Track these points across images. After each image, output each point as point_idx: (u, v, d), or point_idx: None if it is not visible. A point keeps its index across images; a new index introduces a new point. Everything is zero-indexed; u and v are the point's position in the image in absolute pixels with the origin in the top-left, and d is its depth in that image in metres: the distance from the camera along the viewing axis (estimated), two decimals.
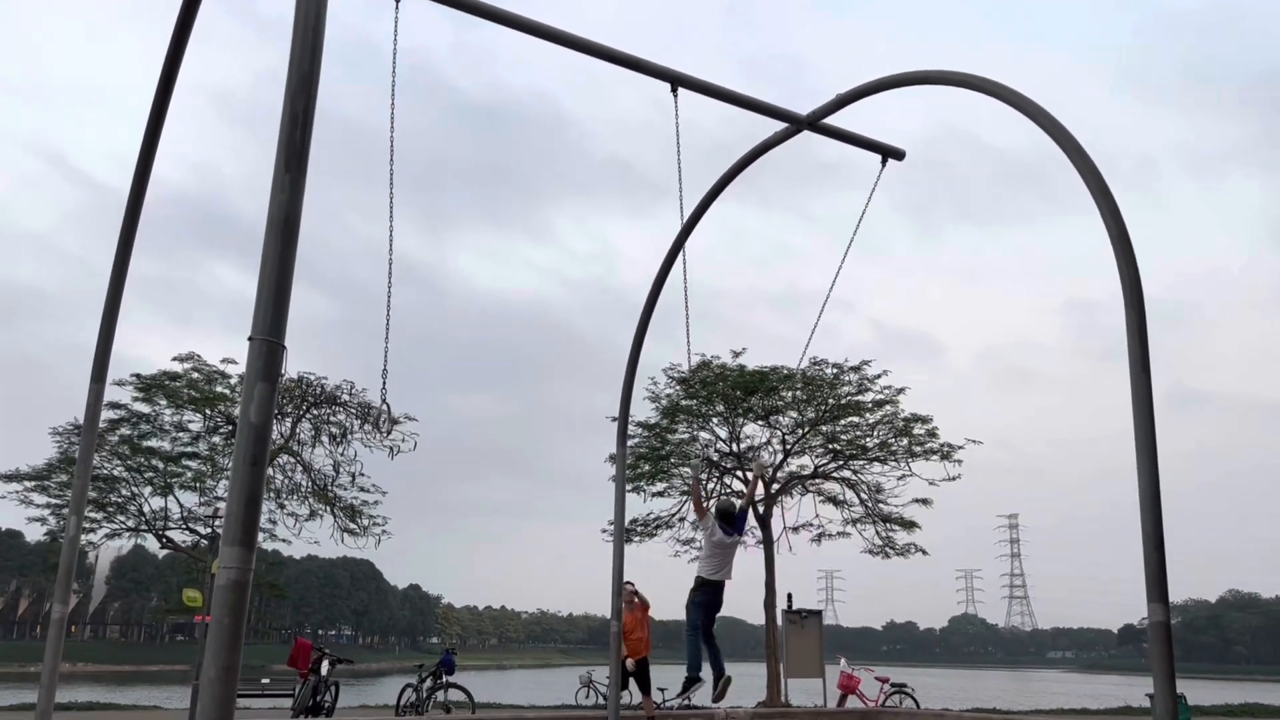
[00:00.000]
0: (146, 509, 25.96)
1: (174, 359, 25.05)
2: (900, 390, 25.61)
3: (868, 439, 25.71)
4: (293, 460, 25.37)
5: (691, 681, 10.59)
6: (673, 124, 8.91)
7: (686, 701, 11.54)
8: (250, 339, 3.89)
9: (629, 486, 23.13)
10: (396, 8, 7.14)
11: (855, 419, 25.73)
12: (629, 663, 13.64)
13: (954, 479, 25.00)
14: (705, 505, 11.91)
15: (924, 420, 25.46)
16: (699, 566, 10.84)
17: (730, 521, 10.69)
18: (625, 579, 13.09)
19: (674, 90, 8.69)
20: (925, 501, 25.56)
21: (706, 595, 10.62)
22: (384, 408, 6.74)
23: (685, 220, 10.67)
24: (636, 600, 14.19)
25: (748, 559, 26.40)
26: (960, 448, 25.30)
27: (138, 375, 24.88)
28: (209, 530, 26.34)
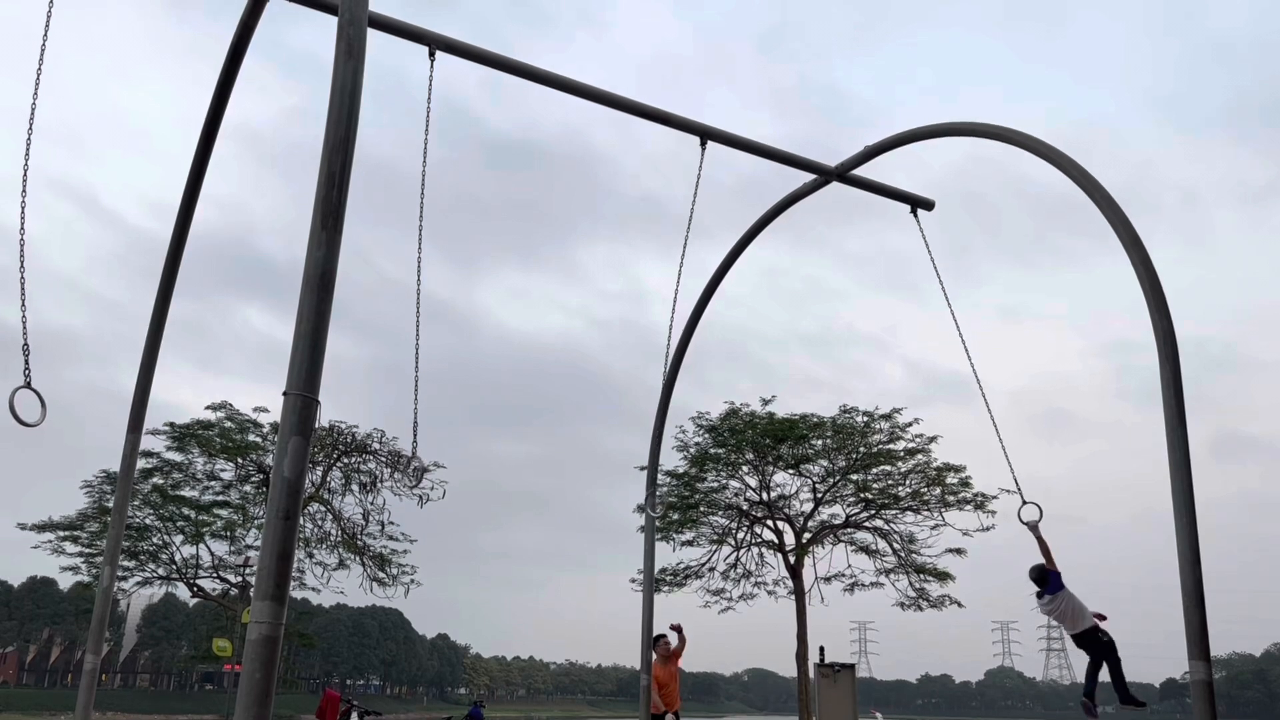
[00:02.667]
0: (178, 557, 26.15)
1: (207, 407, 25.37)
2: (932, 439, 25.38)
3: (900, 488, 25.45)
4: (323, 509, 25.49)
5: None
6: (706, 162, 8.98)
7: None
8: (285, 394, 3.94)
9: (658, 535, 23.01)
10: (431, 66, 7.29)
11: (887, 468, 25.51)
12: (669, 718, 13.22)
13: (988, 529, 24.65)
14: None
15: (956, 469, 25.18)
16: None
17: (1042, 583, 10.09)
18: (659, 632, 12.81)
19: (703, 143, 8.79)
20: (959, 552, 25.19)
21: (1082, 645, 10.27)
22: (415, 459, 6.76)
23: (712, 275, 10.72)
24: (671, 645, 13.54)
25: (779, 610, 26.11)
26: (994, 497, 24.97)
27: (171, 424, 25.20)
28: (239, 579, 26.46)
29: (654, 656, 12.19)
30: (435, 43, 7.38)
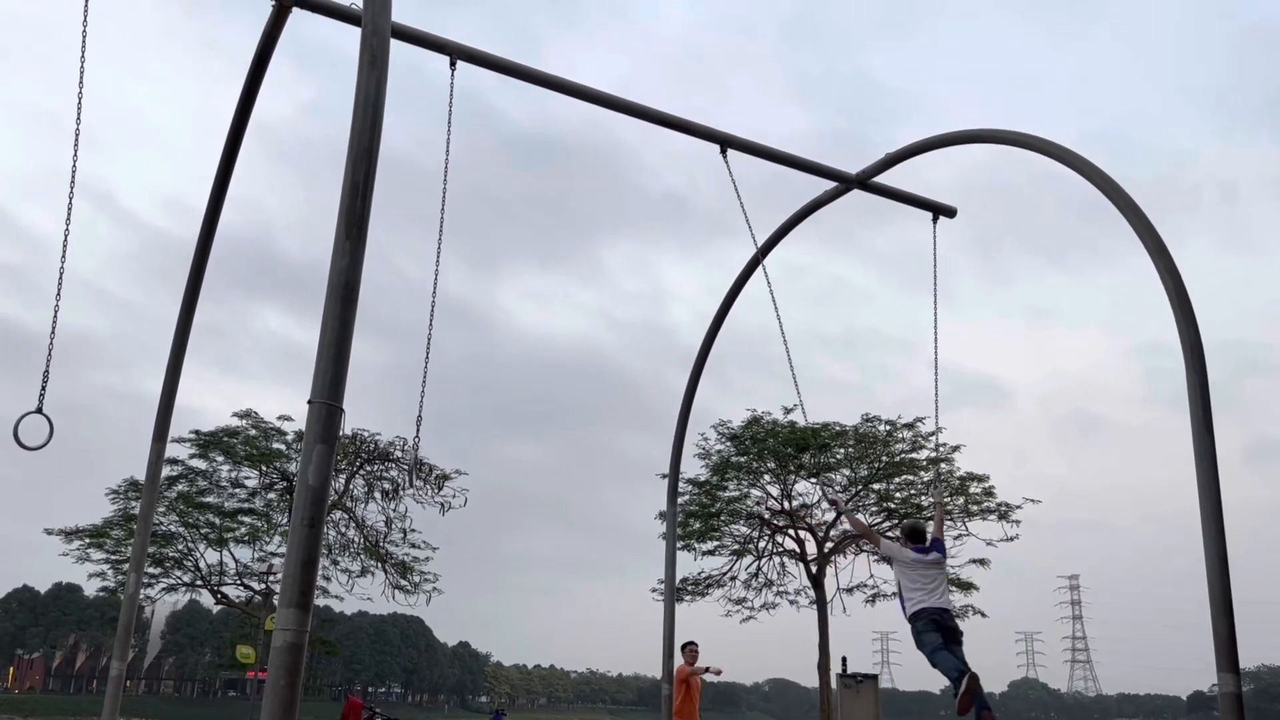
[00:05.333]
0: (202, 564, 26.33)
1: (233, 415, 25.59)
2: (955, 448, 25.23)
3: (922, 497, 25.30)
4: (346, 516, 25.60)
5: (961, 675, 8.82)
6: (731, 159, 8.92)
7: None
8: (310, 402, 3.96)
9: (679, 544, 22.95)
10: (452, 76, 7.34)
11: (909, 477, 25.37)
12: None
13: (1012, 539, 24.46)
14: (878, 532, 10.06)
15: (980, 479, 25.02)
16: (909, 604, 9.16)
17: (920, 539, 9.22)
18: (690, 640, 12.70)
19: (723, 151, 8.79)
20: (982, 562, 24.98)
21: (933, 618, 9.00)
22: (414, 451, 6.71)
23: (735, 279, 10.71)
24: (699, 653, 13.26)
25: (801, 620, 25.96)
26: (1018, 507, 24.77)
27: (197, 432, 25.41)
28: (263, 586, 26.61)
29: (680, 661, 12.13)
30: (456, 52, 7.42)
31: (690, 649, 12.59)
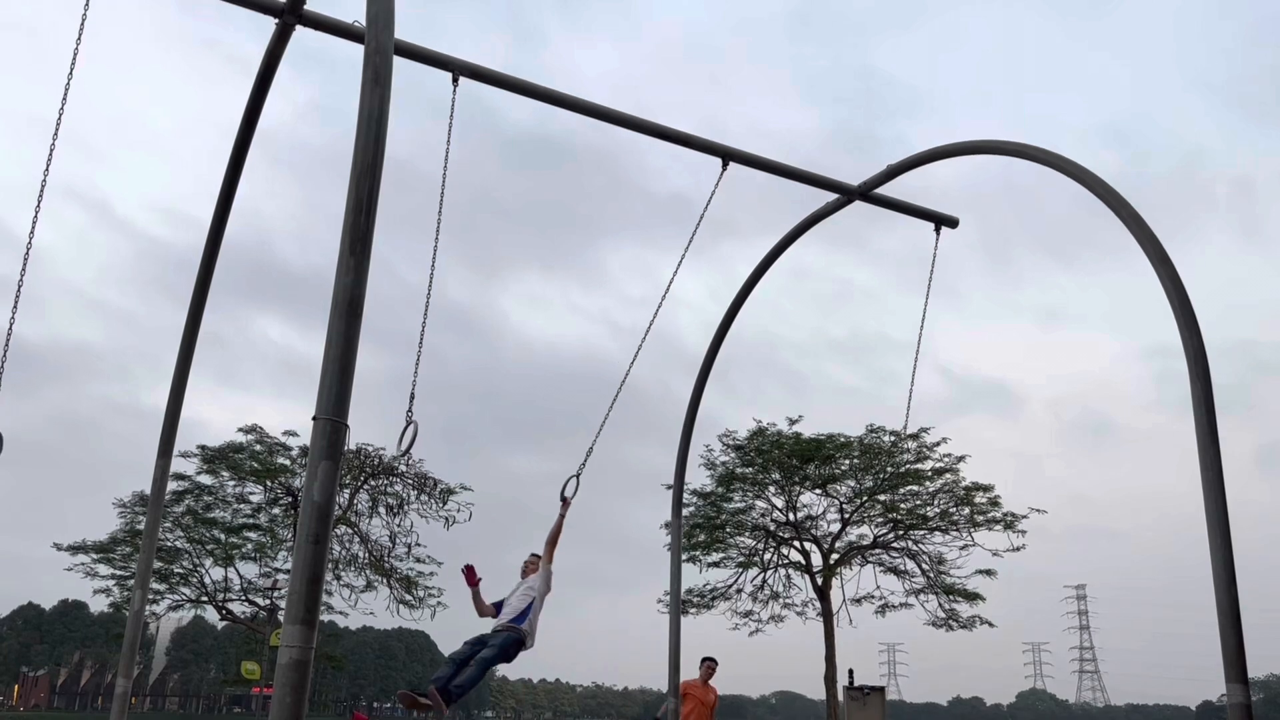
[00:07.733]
0: (207, 580, 26.32)
1: (238, 430, 25.63)
2: (960, 458, 25.17)
3: (928, 508, 25.24)
4: (350, 531, 25.58)
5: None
6: (727, 170, 8.90)
7: None
8: (315, 419, 3.97)
9: (684, 556, 22.91)
10: (454, 92, 7.37)
11: (915, 488, 25.30)
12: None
13: (1018, 549, 24.38)
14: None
15: (985, 489, 24.95)
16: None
17: None
18: (709, 656, 12.59)
19: (724, 164, 8.80)
20: (989, 573, 24.89)
21: None
22: (408, 428, 5.88)
23: (740, 289, 10.73)
24: (715, 671, 12.98)
25: (807, 632, 25.88)
26: (1024, 517, 24.70)
27: (203, 447, 25.45)
28: (268, 602, 26.58)
29: (696, 676, 12.05)
30: (459, 69, 7.45)
31: (706, 665, 12.40)
